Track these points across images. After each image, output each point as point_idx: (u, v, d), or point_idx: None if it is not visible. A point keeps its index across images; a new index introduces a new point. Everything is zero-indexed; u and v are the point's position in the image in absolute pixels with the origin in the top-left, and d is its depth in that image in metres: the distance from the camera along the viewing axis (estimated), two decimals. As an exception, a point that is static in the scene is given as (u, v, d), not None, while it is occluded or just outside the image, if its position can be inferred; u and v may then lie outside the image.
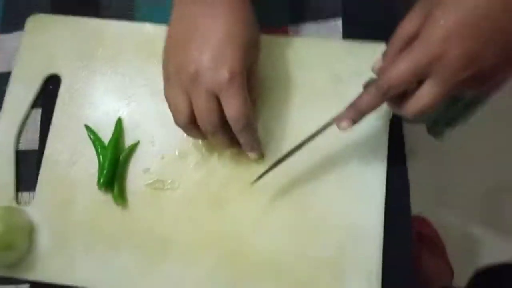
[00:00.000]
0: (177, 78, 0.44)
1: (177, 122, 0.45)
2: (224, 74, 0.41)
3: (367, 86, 0.43)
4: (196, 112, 0.44)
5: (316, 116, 0.46)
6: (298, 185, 0.50)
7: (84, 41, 0.56)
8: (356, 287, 0.47)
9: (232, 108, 0.43)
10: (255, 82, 0.48)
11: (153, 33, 0.56)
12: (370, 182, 0.50)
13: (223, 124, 0.44)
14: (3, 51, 0.58)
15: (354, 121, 0.43)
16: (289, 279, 0.48)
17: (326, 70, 0.52)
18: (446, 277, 0.94)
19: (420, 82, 0.38)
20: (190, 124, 0.45)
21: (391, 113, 0.51)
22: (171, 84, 0.45)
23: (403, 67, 0.37)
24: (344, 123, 0.43)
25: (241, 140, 0.46)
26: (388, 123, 0.51)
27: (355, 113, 0.43)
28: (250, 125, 0.45)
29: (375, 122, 0.51)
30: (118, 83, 0.55)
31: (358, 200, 0.49)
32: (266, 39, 0.53)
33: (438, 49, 0.36)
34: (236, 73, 0.42)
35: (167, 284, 0.49)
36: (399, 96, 0.40)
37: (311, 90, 0.52)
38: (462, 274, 0.79)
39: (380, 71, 0.41)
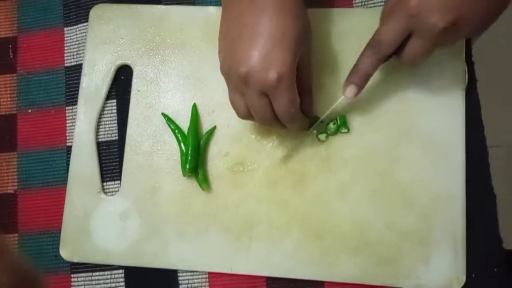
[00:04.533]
0: (230, 78, 0.44)
1: (238, 116, 0.47)
2: (272, 76, 0.41)
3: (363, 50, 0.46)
4: (250, 109, 0.45)
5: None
6: (378, 157, 0.51)
7: (149, 29, 0.57)
8: (442, 254, 0.49)
9: (280, 107, 0.44)
10: (308, 70, 0.48)
11: (216, 16, 0.55)
12: (450, 148, 0.50)
13: (276, 116, 0.45)
14: (69, 45, 0.59)
15: (359, 85, 0.46)
16: (375, 250, 0.49)
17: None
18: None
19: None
20: (250, 117, 0.46)
21: (467, 80, 0.51)
22: (227, 83, 0.46)
23: (388, 28, 0.43)
24: (349, 89, 0.46)
25: (290, 127, 0.48)
26: (464, 90, 0.51)
27: (358, 76, 0.46)
28: (297, 118, 0.46)
29: (451, 89, 0.51)
30: (189, 69, 0.55)
31: (439, 167, 0.50)
32: (329, 12, 0.54)
33: (414, 10, 0.41)
34: (284, 75, 0.42)
35: (255, 262, 0.51)
36: (396, 52, 0.45)
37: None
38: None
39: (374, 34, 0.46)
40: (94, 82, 0.56)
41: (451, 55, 0.51)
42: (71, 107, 0.57)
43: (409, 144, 0.51)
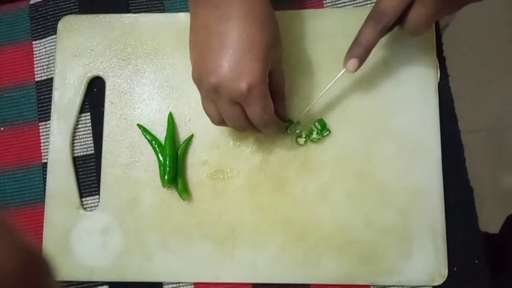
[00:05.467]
0: (201, 86, 0.44)
1: (213, 123, 0.47)
2: (243, 86, 0.41)
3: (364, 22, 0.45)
4: (224, 117, 0.45)
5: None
6: (355, 156, 0.51)
7: (120, 39, 0.56)
8: (423, 249, 0.49)
9: (253, 114, 0.44)
10: (280, 75, 0.48)
11: (187, 22, 0.54)
12: (426, 143, 0.51)
13: (251, 122, 0.45)
14: (38, 59, 0.57)
15: (360, 58, 0.45)
16: (357, 249, 0.50)
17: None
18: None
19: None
20: (224, 123, 0.46)
21: (439, 75, 0.52)
22: (199, 90, 0.45)
23: None
24: (351, 63, 0.45)
25: (266, 132, 0.48)
26: (436, 85, 0.52)
27: (360, 48, 0.44)
28: (271, 123, 0.46)
29: (424, 85, 0.52)
30: (163, 78, 0.54)
31: (416, 163, 0.51)
32: (300, 14, 0.54)
33: None
34: (255, 84, 0.41)
35: (240, 269, 0.51)
36: (396, 23, 0.44)
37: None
38: (494, 221, 0.81)
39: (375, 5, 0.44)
40: (66, 96, 0.55)
41: (422, 51, 0.52)
42: (44, 123, 0.56)
43: (385, 142, 0.51)
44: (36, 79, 0.57)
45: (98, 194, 0.53)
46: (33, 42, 0.58)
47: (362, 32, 0.44)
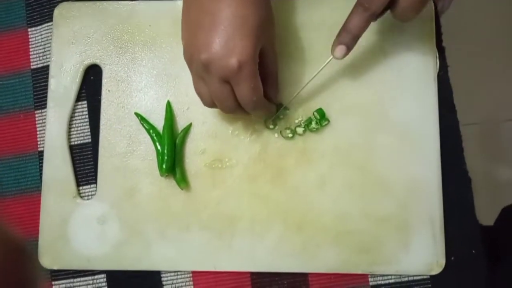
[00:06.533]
0: (192, 64, 0.44)
1: (204, 104, 0.47)
2: (233, 63, 0.41)
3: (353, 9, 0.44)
4: (213, 97, 0.45)
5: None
6: (354, 147, 0.51)
7: (117, 26, 0.55)
8: (421, 239, 0.50)
9: (242, 94, 0.43)
10: (272, 56, 0.47)
11: (185, 10, 0.54)
12: (424, 134, 0.51)
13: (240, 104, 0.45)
14: (34, 46, 0.57)
15: (348, 46, 0.44)
16: (356, 239, 0.50)
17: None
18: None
19: None
20: (215, 105, 0.46)
21: (438, 66, 0.52)
22: (190, 70, 0.45)
23: None
24: (338, 50, 0.44)
25: (254, 115, 0.48)
26: (436, 76, 0.51)
27: (348, 36, 0.44)
28: (260, 105, 0.45)
29: (423, 76, 0.51)
30: (161, 66, 0.54)
31: (415, 154, 0.51)
32: (299, 2, 0.53)
33: None
34: (245, 62, 0.41)
35: (238, 259, 0.51)
36: (385, 9, 0.43)
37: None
38: (488, 213, 0.81)
39: None
40: (63, 84, 0.54)
41: (422, 41, 0.52)
42: (40, 111, 0.55)
43: (384, 132, 0.51)
44: (32, 67, 0.56)
45: (95, 182, 0.53)
46: (29, 29, 0.57)
47: (350, 19, 0.44)
